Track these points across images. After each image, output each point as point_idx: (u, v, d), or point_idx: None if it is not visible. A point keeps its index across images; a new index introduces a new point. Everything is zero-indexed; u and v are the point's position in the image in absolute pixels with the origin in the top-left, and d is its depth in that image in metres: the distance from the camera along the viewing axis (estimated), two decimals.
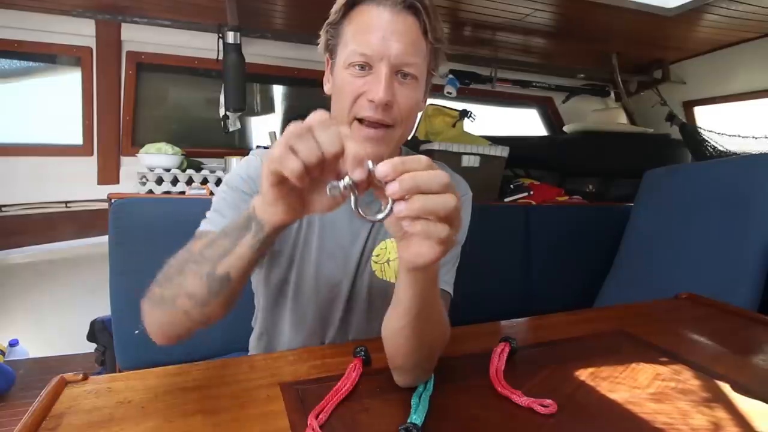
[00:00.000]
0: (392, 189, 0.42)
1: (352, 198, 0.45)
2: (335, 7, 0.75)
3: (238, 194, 0.77)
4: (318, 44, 0.81)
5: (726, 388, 0.67)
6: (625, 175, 2.41)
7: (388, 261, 0.87)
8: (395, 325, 0.59)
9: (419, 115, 2.47)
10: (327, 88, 0.81)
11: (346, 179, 0.44)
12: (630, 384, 0.68)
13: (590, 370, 0.72)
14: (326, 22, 0.77)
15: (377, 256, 0.87)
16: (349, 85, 0.72)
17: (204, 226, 0.75)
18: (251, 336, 0.99)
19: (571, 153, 2.46)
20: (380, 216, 0.45)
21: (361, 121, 0.73)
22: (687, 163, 2.42)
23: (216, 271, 0.55)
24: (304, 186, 0.46)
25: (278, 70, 2.36)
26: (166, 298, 0.58)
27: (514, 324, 0.94)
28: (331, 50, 0.78)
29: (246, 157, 0.86)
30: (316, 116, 0.44)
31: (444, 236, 0.44)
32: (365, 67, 0.71)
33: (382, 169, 0.43)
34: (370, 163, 0.43)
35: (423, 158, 0.44)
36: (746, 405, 0.63)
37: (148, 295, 0.61)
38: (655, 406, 0.62)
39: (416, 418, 0.56)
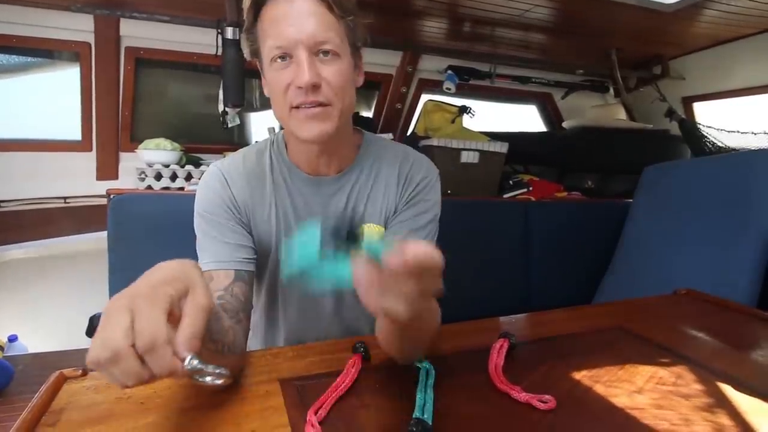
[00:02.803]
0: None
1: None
2: (245, 14, 0.77)
3: (216, 222, 0.81)
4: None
5: (725, 384, 0.67)
6: (624, 171, 2.41)
7: None
8: (381, 329, 0.65)
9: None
10: (266, 91, 0.83)
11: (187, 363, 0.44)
12: (628, 380, 0.68)
13: (589, 366, 0.72)
14: (242, 30, 0.80)
15: None
16: (277, 80, 0.75)
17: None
18: (249, 333, 1.00)
19: (571, 149, 2.46)
20: (208, 379, 0.45)
21: (297, 108, 0.75)
22: (686, 159, 2.42)
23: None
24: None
25: None
26: None
27: (513, 320, 0.94)
28: (256, 54, 0.80)
29: (203, 179, 0.87)
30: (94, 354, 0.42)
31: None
32: (286, 57, 0.73)
33: None
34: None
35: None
36: (745, 402, 0.63)
37: None
38: (653, 402, 0.62)
39: (426, 416, 0.55)
